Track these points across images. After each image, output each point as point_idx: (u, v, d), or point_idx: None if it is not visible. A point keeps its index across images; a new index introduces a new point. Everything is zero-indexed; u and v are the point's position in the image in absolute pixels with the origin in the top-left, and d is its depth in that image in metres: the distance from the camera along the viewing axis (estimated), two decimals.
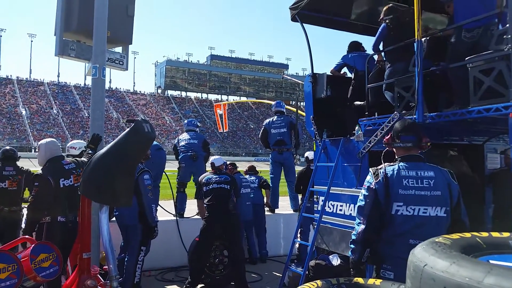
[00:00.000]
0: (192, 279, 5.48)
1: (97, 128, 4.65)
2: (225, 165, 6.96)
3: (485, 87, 3.17)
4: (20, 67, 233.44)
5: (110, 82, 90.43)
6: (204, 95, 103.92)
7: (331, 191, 4.61)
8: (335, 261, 4.73)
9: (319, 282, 2.57)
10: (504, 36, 3.14)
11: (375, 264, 2.86)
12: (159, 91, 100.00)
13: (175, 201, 7.12)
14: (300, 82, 39.80)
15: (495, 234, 1.57)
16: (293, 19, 5.35)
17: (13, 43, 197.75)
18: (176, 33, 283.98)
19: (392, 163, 2.83)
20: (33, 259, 3.50)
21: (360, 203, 2.83)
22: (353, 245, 2.83)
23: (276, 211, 7.91)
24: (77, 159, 4.66)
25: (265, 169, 8.50)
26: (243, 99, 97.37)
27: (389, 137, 2.94)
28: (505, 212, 3.77)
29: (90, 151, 4.60)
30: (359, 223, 2.81)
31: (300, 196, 7.00)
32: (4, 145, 52.97)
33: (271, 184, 7.79)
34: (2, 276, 3.13)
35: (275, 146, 7.83)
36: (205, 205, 5.60)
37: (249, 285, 5.50)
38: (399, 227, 2.69)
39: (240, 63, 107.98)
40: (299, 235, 5.85)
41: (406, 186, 2.70)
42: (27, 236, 4.13)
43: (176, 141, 7.59)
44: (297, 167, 8.17)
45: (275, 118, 7.96)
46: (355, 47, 5.36)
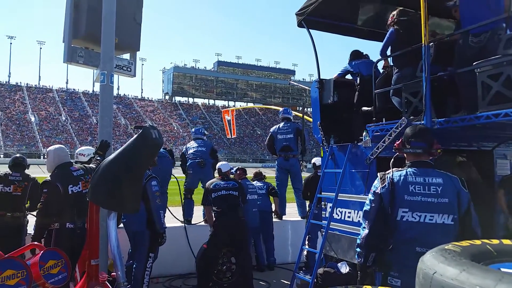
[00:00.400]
0: (200, 286, 5.47)
1: (106, 134, 4.68)
2: (237, 169, 6.98)
3: (493, 92, 3.14)
4: (29, 74, 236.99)
5: (118, 88, 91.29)
6: (211, 101, 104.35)
7: (339, 198, 4.59)
8: (343, 268, 4.69)
9: None
10: None
11: (382, 271, 2.84)
12: (167, 97, 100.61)
13: (183, 207, 7.14)
14: (307, 88, 39.77)
15: (506, 242, 1.54)
16: (300, 25, 5.37)
17: (22, 50, 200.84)
18: (183, 39, 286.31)
19: (401, 169, 2.82)
20: (42, 266, 3.52)
21: (366, 207, 2.84)
22: (358, 249, 2.84)
23: (284, 217, 7.88)
24: (85, 165, 4.70)
25: (273, 175, 8.46)
26: (250, 105, 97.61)
27: (399, 143, 2.93)
28: None
29: (98, 158, 4.64)
30: (364, 227, 2.82)
31: (308, 203, 6.97)
32: (14, 151, 53.69)
33: (278, 191, 7.78)
34: (11, 283, 3.15)
35: (281, 152, 7.83)
36: (213, 211, 5.60)
37: None
38: (404, 233, 2.68)
39: (247, 69, 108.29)
40: (307, 242, 5.82)
41: (412, 192, 2.68)
42: (36, 243, 4.16)
43: (184, 149, 7.63)
44: (303, 174, 8.14)
45: (281, 124, 7.99)
46: (356, 55, 5.36)
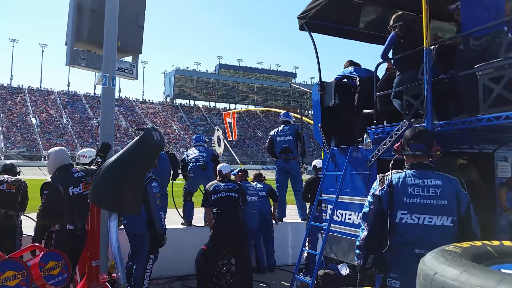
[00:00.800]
0: None
1: (107, 136, 4.69)
2: (239, 171, 6.98)
3: (494, 95, 3.15)
4: (31, 76, 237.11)
5: (119, 91, 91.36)
6: (212, 104, 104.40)
7: (339, 200, 4.59)
8: (344, 270, 4.69)
9: None
10: None
11: (382, 272, 2.84)
12: (168, 100, 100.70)
13: (183, 209, 7.16)
14: (308, 90, 39.81)
15: (506, 243, 1.54)
16: (301, 28, 5.38)
17: (24, 53, 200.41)
18: (185, 42, 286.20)
19: (400, 171, 2.82)
20: (42, 267, 3.53)
21: (365, 209, 2.85)
22: (357, 251, 2.85)
23: (284, 219, 7.88)
24: (86, 167, 4.70)
25: (273, 177, 8.44)
26: (251, 107, 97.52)
27: (399, 145, 2.93)
28: None
29: (99, 160, 4.65)
30: (363, 229, 2.83)
31: (308, 205, 6.97)
32: (14, 153, 53.70)
33: (277, 193, 7.78)
34: (11, 284, 3.16)
35: (281, 154, 7.86)
36: (213, 213, 5.61)
37: None
38: (404, 235, 2.68)
39: (248, 72, 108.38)
40: (307, 244, 5.81)
41: (411, 194, 2.68)
42: (36, 244, 4.16)
43: (185, 155, 7.65)
44: (304, 176, 8.14)
45: (281, 127, 8.04)
46: (351, 63, 5.39)
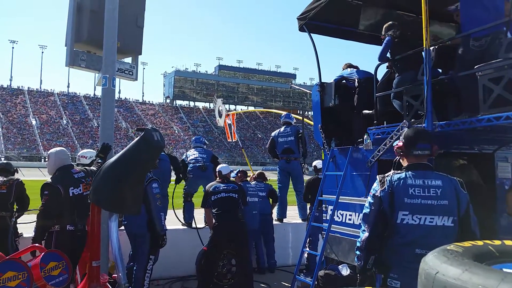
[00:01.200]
0: None
1: (107, 137, 4.69)
2: (238, 172, 6.99)
3: (494, 95, 3.15)
4: (31, 78, 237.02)
5: (119, 92, 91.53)
6: (212, 105, 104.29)
7: (340, 200, 4.60)
8: (344, 271, 4.69)
9: None
10: None
11: (382, 273, 2.84)
12: (168, 101, 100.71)
13: (183, 210, 7.16)
14: (308, 91, 39.88)
15: (508, 242, 1.54)
16: (301, 29, 5.39)
17: (24, 54, 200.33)
18: (185, 44, 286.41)
19: (400, 171, 2.81)
20: (43, 267, 3.53)
21: (365, 210, 2.83)
22: (358, 252, 2.83)
23: (285, 220, 7.89)
24: (87, 168, 4.70)
25: (273, 178, 8.43)
26: (251, 108, 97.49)
27: (401, 145, 2.88)
28: None
29: (99, 160, 4.65)
30: (363, 230, 2.81)
31: (309, 205, 6.97)
32: (14, 154, 53.61)
33: (279, 194, 7.78)
34: (12, 284, 3.16)
35: (282, 155, 7.88)
36: (213, 214, 5.61)
37: None
38: (405, 236, 2.67)
39: (248, 73, 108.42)
40: (307, 244, 5.81)
41: (412, 195, 2.67)
42: (37, 245, 4.16)
43: (185, 156, 7.64)
44: (305, 176, 8.15)
45: (282, 128, 8.07)
46: (349, 66, 5.41)
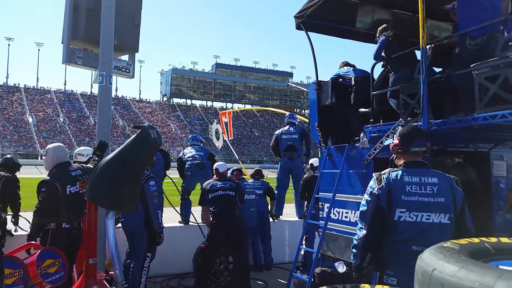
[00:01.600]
0: (198, 286, 5.47)
1: (104, 135, 4.67)
2: (233, 170, 6.99)
3: (490, 94, 3.16)
4: (28, 75, 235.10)
5: (116, 90, 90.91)
6: (209, 103, 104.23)
7: (336, 198, 4.61)
8: (340, 268, 4.70)
9: None
10: (510, 43, 3.14)
11: (378, 270, 2.85)
12: (165, 99, 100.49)
13: (180, 208, 7.16)
14: (304, 90, 39.92)
15: (504, 240, 1.56)
16: (298, 27, 5.38)
17: (20, 52, 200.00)
18: (182, 42, 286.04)
19: (396, 169, 2.81)
20: (39, 265, 3.53)
21: (362, 208, 2.83)
22: (354, 250, 2.83)
23: (281, 218, 7.90)
24: (84, 165, 4.69)
25: (270, 176, 8.43)
26: (248, 107, 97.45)
27: (397, 143, 2.88)
28: None
29: (96, 158, 4.63)
30: (360, 228, 2.81)
31: (306, 203, 6.98)
32: (11, 152, 53.28)
33: (277, 191, 7.78)
34: (8, 282, 3.15)
35: (285, 152, 7.87)
36: (210, 212, 5.61)
37: None
38: (402, 233, 2.68)
39: (245, 71, 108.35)
40: (304, 242, 5.83)
41: (409, 192, 2.68)
42: (33, 242, 4.15)
43: (182, 154, 7.63)
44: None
45: (287, 127, 8.07)
46: (346, 64, 5.40)
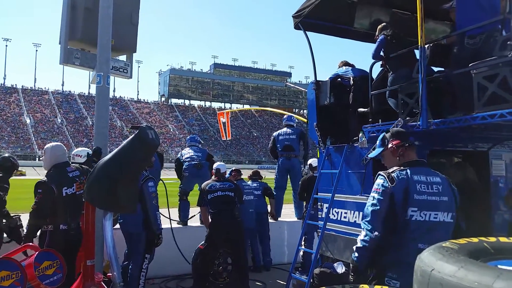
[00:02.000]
0: (196, 287, 5.45)
1: (102, 136, 4.66)
2: (232, 171, 6.98)
3: (489, 93, 3.15)
4: (25, 76, 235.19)
5: (114, 90, 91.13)
6: (208, 103, 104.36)
7: (335, 198, 4.59)
8: (339, 269, 4.69)
9: None
10: (508, 42, 3.14)
11: (379, 272, 2.80)
12: (163, 99, 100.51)
13: (178, 209, 7.17)
14: (303, 90, 39.91)
15: (502, 239, 1.55)
16: (296, 27, 5.38)
17: (18, 52, 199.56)
18: (180, 42, 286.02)
19: (402, 168, 2.75)
20: (37, 267, 3.51)
21: (374, 208, 2.68)
22: (363, 252, 2.71)
23: (280, 218, 7.89)
24: (82, 166, 4.67)
25: (269, 176, 8.43)
26: (246, 107, 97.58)
27: (398, 142, 2.87)
28: None
29: (93, 164, 4.61)
30: (371, 229, 2.66)
31: (304, 204, 6.98)
32: (9, 153, 53.24)
33: (275, 193, 7.77)
34: (5, 284, 3.13)
35: (283, 152, 7.87)
36: (209, 212, 5.59)
37: None
38: (412, 232, 2.63)
39: (243, 71, 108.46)
40: (303, 242, 5.82)
41: (419, 191, 2.65)
42: (31, 244, 4.13)
43: (179, 155, 7.61)
44: None
45: (285, 129, 8.08)
46: (345, 64, 5.39)
